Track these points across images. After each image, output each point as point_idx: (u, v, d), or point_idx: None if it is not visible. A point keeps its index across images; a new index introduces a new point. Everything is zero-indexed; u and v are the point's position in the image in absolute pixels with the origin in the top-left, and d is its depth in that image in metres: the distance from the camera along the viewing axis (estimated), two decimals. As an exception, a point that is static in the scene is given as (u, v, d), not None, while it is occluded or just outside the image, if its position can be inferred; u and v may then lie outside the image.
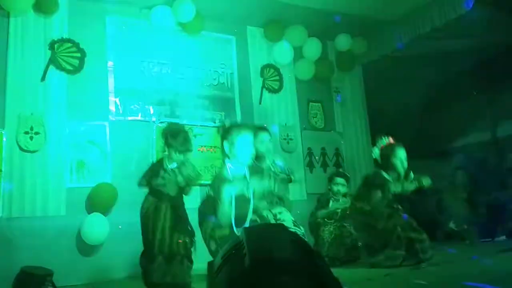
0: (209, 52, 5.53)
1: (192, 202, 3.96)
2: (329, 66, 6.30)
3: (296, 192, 5.69)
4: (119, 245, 4.44)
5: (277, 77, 5.92)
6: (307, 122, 6.13)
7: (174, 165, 3.36)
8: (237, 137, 2.79)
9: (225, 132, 2.87)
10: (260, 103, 5.69)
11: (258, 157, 3.58)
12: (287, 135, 5.81)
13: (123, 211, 4.40)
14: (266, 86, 5.83)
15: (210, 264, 1.50)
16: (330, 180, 4.82)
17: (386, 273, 3.21)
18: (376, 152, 3.98)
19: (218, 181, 2.71)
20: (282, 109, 5.91)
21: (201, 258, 2.86)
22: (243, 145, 2.78)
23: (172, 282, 3.34)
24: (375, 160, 4.08)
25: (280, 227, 1.54)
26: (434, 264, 3.47)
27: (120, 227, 4.32)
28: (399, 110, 4.00)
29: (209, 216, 2.79)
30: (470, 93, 6.14)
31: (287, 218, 3.54)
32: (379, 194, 3.79)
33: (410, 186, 3.78)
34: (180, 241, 3.38)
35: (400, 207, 3.81)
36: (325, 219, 4.51)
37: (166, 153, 3.43)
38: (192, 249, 3.46)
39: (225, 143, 2.81)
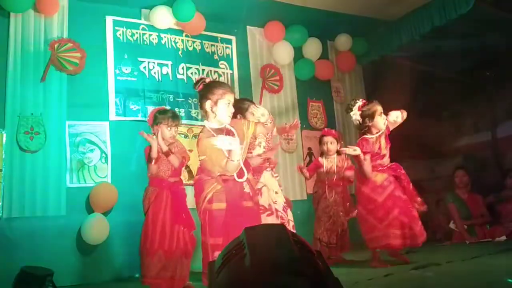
0: (209, 52, 5.53)
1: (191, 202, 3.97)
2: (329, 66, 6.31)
3: (296, 192, 5.70)
4: (119, 245, 4.45)
5: (277, 77, 5.92)
6: (307, 122, 6.13)
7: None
8: (221, 96, 2.76)
9: (206, 91, 2.81)
10: (260, 103, 5.68)
11: None
12: (287, 135, 5.79)
13: (123, 211, 4.41)
14: (266, 86, 5.84)
15: (210, 264, 1.49)
16: (320, 142, 4.70)
17: (386, 273, 3.21)
18: (357, 114, 3.84)
19: (206, 139, 2.65)
20: (282, 109, 5.91)
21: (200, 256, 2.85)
22: (226, 105, 2.75)
23: (170, 278, 3.35)
24: (354, 123, 3.96)
25: (281, 227, 1.54)
26: (434, 264, 3.47)
27: None
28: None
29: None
30: (470, 93, 6.15)
31: (280, 201, 3.56)
32: (367, 158, 3.70)
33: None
34: (180, 234, 3.41)
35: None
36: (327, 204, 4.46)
37: (159, 134, 3.54)
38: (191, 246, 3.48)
39: (207, 103, 2.76)
